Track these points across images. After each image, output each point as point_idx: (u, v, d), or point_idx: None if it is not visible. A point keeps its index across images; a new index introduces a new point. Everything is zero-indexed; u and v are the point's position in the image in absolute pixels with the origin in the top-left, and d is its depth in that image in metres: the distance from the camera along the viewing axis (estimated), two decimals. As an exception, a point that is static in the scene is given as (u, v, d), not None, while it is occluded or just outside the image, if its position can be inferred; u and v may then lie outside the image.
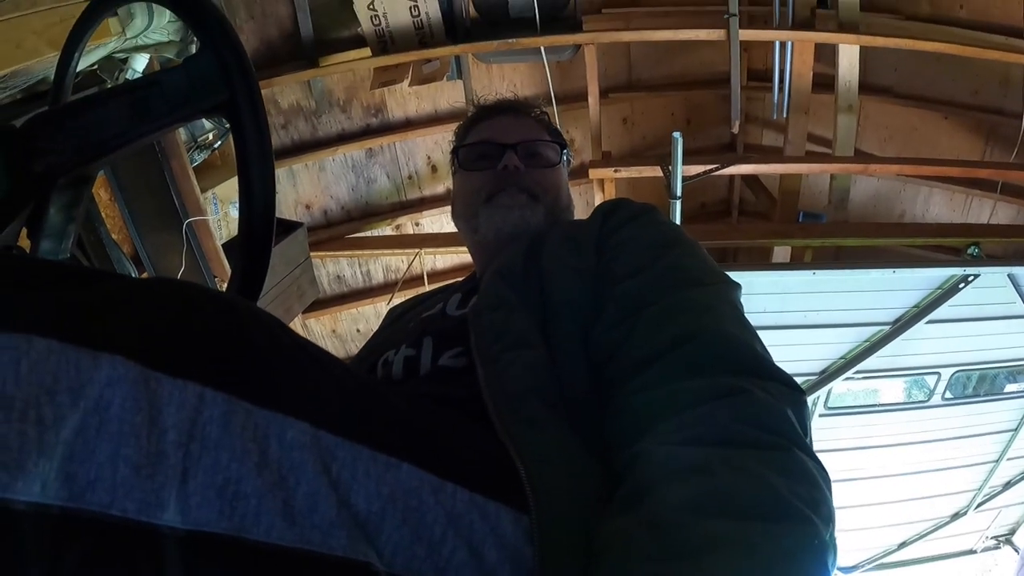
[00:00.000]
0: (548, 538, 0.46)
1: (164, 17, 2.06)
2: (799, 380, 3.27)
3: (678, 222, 2.68)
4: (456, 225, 0.96)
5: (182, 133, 2.53)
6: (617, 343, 0.62)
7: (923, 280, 3.08)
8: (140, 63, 2.02)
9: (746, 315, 0.66)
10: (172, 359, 0.41)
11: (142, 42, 1.97)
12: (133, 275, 2.18)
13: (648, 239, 0.72)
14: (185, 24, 0.68)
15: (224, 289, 0.69)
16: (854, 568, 4.48)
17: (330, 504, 0.42)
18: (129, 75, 1.99)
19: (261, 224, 0.65)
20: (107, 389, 0.38)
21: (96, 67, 1.90)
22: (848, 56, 3.25)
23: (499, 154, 0.89)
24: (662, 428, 0.52)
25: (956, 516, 4.47)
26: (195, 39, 2.58)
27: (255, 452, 0.41)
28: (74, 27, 0.77)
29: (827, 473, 0.50)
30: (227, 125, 2.38)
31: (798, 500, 0.45)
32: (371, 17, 3.18)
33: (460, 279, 0.96)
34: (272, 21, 3.22)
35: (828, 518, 0.46)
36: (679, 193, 2.60)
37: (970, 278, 3.03)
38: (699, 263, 0.70)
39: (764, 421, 0.50)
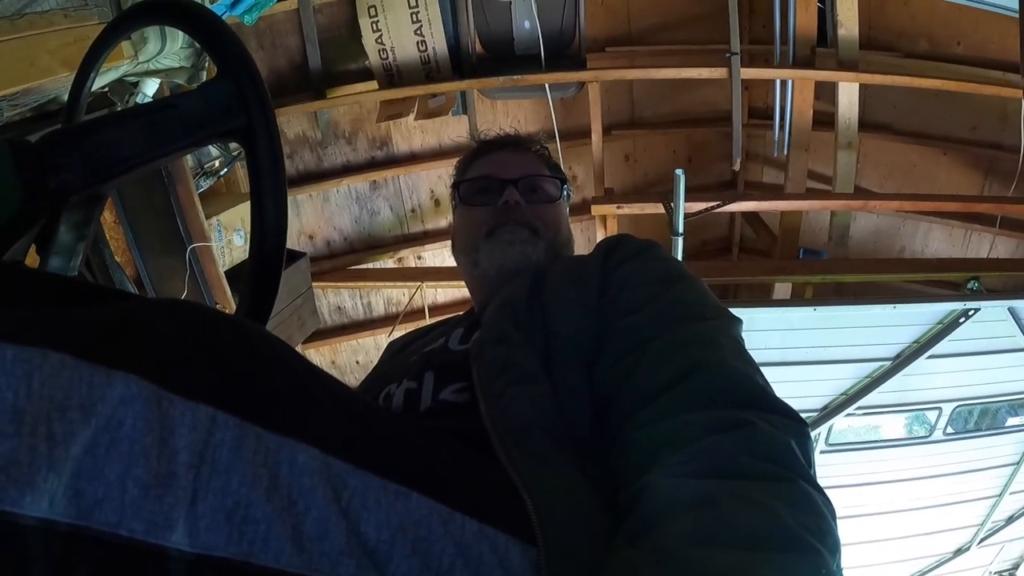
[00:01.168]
0: (555, 571, 0.46)
1: (176, 43, 2.09)
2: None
3: (680, 259, 2.70)
4: (456, 260, 0.96)
5: (189, 159, 2.55)
6: (621, 378, 0.62)
7: (924, 315, 3.08)
8: (151, 87, 2.04)
9: (747, 350, 0.66)
10: (186, 380, 0.41)
11: (154, 67, 2.00)
12: None
13: (650, 275, 0.72)
14: (204, 49, 0.68)
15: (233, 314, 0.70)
16: (859, 605, 4.42)
17: (340, 532, 0.42)
18: (139, 99, 2.02)
19: (272, 251, 0.65)
20: (119, 407, 0.38)
21: (107, 89, 1.92)
22: (848, 94, 3.29)
23: (500, 189, 0.90)
24: (668, 460, 0.51)
25: (959, 552, 4.42)
26: (206, 66, 2.63)
27: (265, 477, 0.41)
28: (92, 46, 0.77)
29: (831, 504, 0.50)
30: (234, 154, 2.41)
31: (805, 531, 0.45)
32: (379, 51, 3.23)
33: (460, 314, 0.96)
34: (281, 52, 3.28)
35: (835, 548, 0.46)
36: (681, 230, 2.62)
37: (971, 312, 3.03)
38: (701, 298, 0.70)
39: (769, 453, 0.50)
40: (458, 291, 3.84)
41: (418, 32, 3.18)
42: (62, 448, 0.36)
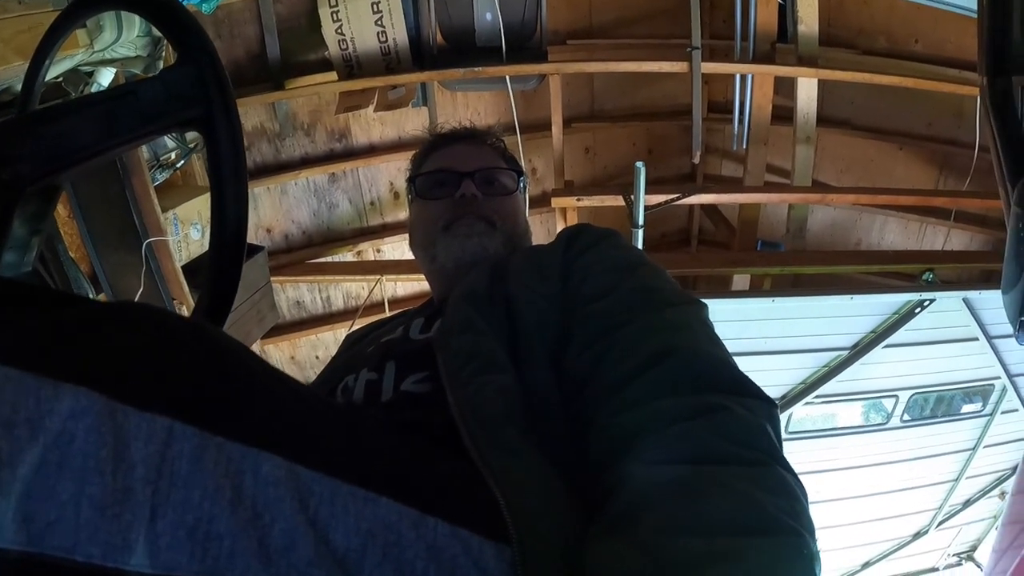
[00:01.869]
0: (531, 569, 0.45)
1: (133, 31, 2.03)
2: (760, 406, 3.33)
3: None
4: (414, 254, 0.95)
5: (144, 151, 2.50)
6: (592, 365, 0.61)
7: (880, 306, 3.14)
8: (106, 77, 1.98)
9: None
10: (140, 390, 0.39)
11: (109, 56, 1.95)
12: (90, 295, 2.13)
13: (613, 261, 0.72)
14: (163, 35, 0.67)
15: (192, 309, 0.68)
16: (817, 590, 4.50)
17: (308, 542, 0.40)
18: (94, 89, 1.96)
19: (233, 242, 0.64)
20: (69, 422, 0.36)
21: (61, 79, 1.87)
22: (806, 89, 3.33)
23: (456, 182, 0.89)
24: (644, 447, 0.51)
25: (918, 535, 4.52)
26: (163, 55, 2.57)
27: (228, 488, 0.39)
28: (46, 34, 0.75)
29: (804, 486, 0.51)
30: (191, 145, 2.34)
31: (783, 514, 0.45)
32: (339, 41, 3.16)
33: (418, 306, 0.94)
34: (239, 42, 3.21)
35: (811, 529, 0.47)
36: (641, 222, 2.62)
37: (926, 303, 3.10)
38: (665, 284, 0.70)
39: (744, 437, 0.50)
40: (418, 284, 3.80)
41: (379, 23, 3.13)
42: (8, 469, 0.34)
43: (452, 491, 0.49)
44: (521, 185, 0.96)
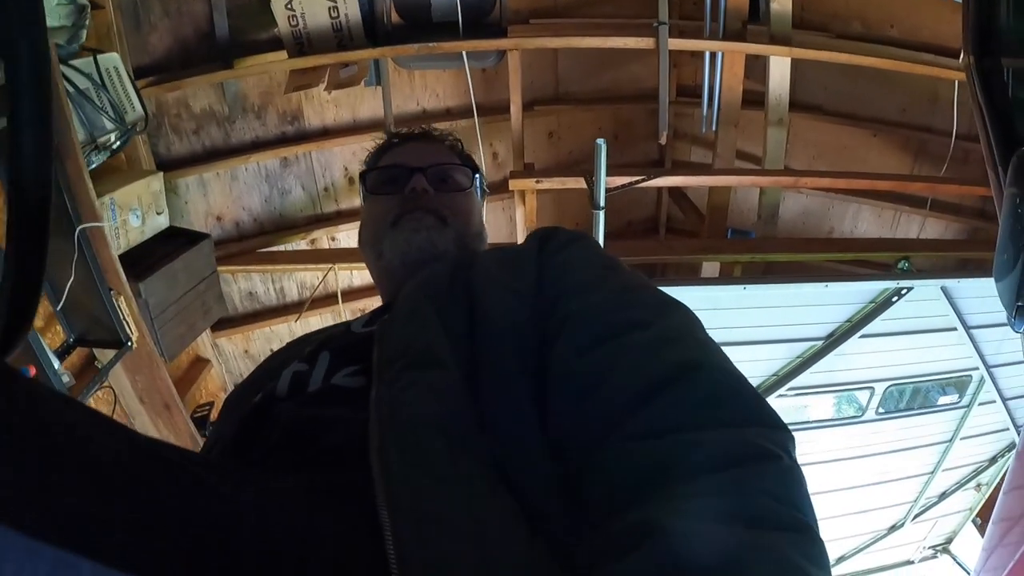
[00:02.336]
0: None
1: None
2: (731, 398, 3.25)
3: (601, 235, 2.57)
4: (362, 253, 0.91)
5: (80, 132, 2.37)
6: (594, 372, 0.52)
7: (856, 294, 3.08)
8: None
9: None
10: None
11: None
12: None
13: (592, 260, 0.68)
14: None
15: (134, 325, 0.53)
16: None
17: None
18: None
19: (35, 203, 0.51)
20: None
21: None
22: (779, 69, 3.23)
23: (407, 177, 0.86)
24: (678, 492, 0.42)
25: (894, 528, 4.52)
26: (86, 24, 2.39)
27: None
28: None
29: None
30: (130, 127, 2.16)
31: None
32: (288, 18, 3.05)
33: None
34: (188, 20, 3.06)
35: None
36: (602, 203, 2.49)
37: (903, 291, 3.04)
38: (652, 287, 0.64)
39: (791, 496, 0.43)
40: (375, 274, 3.62)
41: (330, -2, 2.99)
42: None
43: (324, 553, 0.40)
44: (477, 184, 0.93)
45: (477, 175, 0.93)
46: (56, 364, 2.14)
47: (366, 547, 0.40)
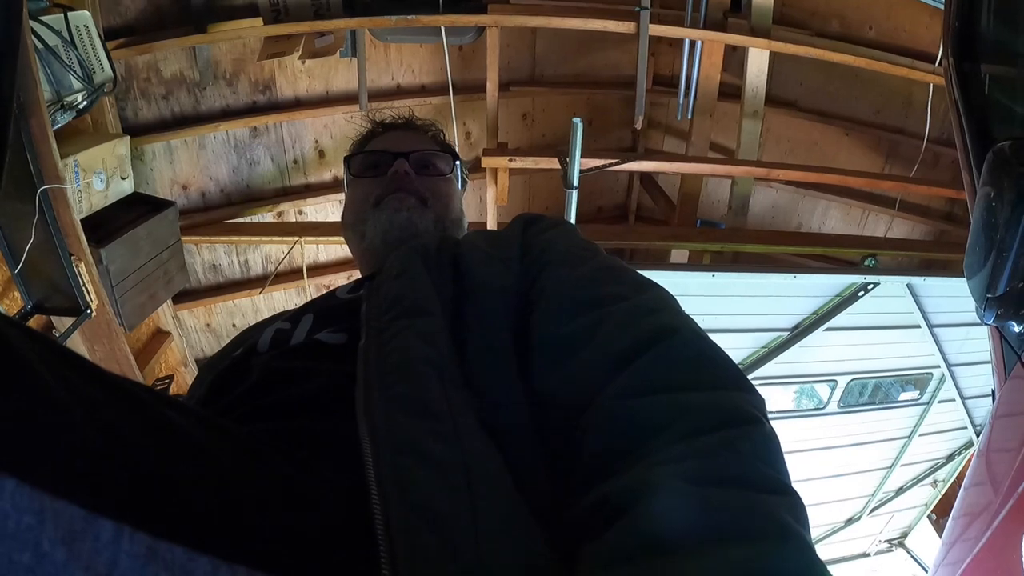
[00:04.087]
0: None
1: None
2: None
3: (573, 215, 2.56)
4: (345, 237, 0.93)
5: (47, 90, 2.28)
6: (578, 336, 0.53)
7: (823, 287, 3.10)
8: None
9: None
10: None
11: None
12: None
13: (576, 241, 0.69)
14: None
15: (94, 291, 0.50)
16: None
17: None
18: None
19: None
20: None
21: None
22: (757, 61, 3.24)
23: (391, 161, 0.89)
24: (669, 452, 0.41)
25: (850, 521, 4.58)
26: None
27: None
28: None
29: None
30: (98, 87, 2.09)
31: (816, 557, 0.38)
32: None
33: None
34: (162, -19, 2.98)
35: None
36: (576, 183, 2.47)
37: (870, 286, 3.07)
38: (630, 270, 0.64)
39: (776, 460, 0.43)
40: (341, 249, 3.62)
41: (308, -34, 2.92)
42: None
43: (322, 535, 0.38)
44: (457, 172, 0.95)
45: (458, 163, 0.95)
46: (12, 332, 2.07)
47: (345, 506, 0.40)
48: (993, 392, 1.67)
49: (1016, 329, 1.23)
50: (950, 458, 4.27)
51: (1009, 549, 1.33)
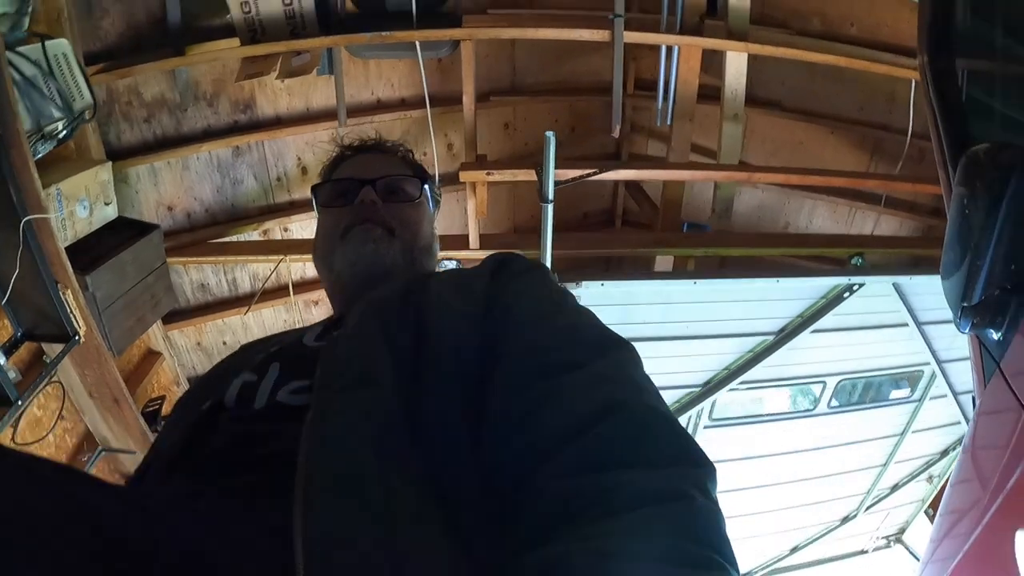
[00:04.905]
0: None
1: None
2: (682, 393, 3.26)
3: (550, 229, 2.56)
4: (316, 268, 0.93)
5: (27, 120, 2.28)
6: (527, 407, 0.53)
7: (808, 289, 3.10)
8: None
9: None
10: None
11: None
12: None
13: (542, 293, 0.69)
14: None
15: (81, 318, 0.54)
16: (746, 575, 4.51)
17: None
18: None
19: None
20: None
21: None
22: (736, 64, 3.24)
23: (357, 190, 0.88)
24: (594, 530, 0.42)
25: (847, 519, 4.58)
26: (29, 12, 2.33)
27: None
28: None
29: None
30: (78, 115, 2.12)
31: None
32: (241, 4, 3.01)
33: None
34: (140, 5, 3.02)
35: None
36: (551, 196, 2.48)
37: (855, 287, 3.07)
38: (596, 324, 0.65)
39: (707, 536, 0.44)
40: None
41: (285, -14, 2.94)
42: None
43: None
44: (428, 194, 0.94)
45: (426, 185, 0.94)
46: (2, 360, 2.10)
47: (277, 557, 0.42)
48: (973, 397, 1.67)
49: (994, 336, 1.22)
50: (944, 454, 4.27)
51: (999, 545, 1.33)
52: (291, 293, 3.23)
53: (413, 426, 0.53)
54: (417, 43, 2.89)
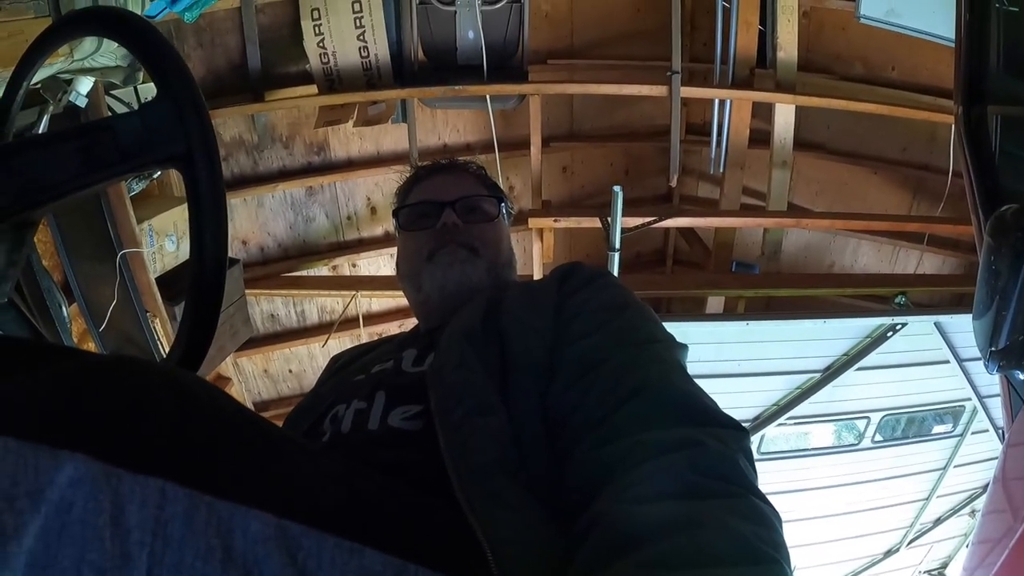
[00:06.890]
0: None
1: (113, 43, 2.00)
2: (733, 428, 3.33)
3: (616, 272, 2.71)
4: (401, 286, 0.96)
5: None
6: (574, 404, 0.62)
7: (853, 329, 3.15)
8: (85, 86, 1.95)
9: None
10: (131, 453, 0.40)
11: (88, 65, 1.91)
12: (62, 307, 2.13)
13: (603, 301, 0.73)
14: (145, 69, 0.65)
15: (168, 354, 0.66)
16: (790, 608, 4.51)
17: None
18: (72, 97, 1.91)
19: (211, 283, 0.62)
20: (68, 490, 0.37)
21: (39, 86, 1.84)
22: (784, 115, 3.36)
23: (438, 212, 0.90)
24: (620, 484, 0.51)
25: (889, 553, 4.53)
26: (141, 68, 2.51)
27: (219, 548, 0.40)
28: (27, 52, 0.72)
29: (777, 512, 0.51)
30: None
31: (763, 544, 0.46)
32: (320, 55, 3.16)
33: (404, 332, 0.96)
34: (220, 51, 3.19)
35: (788, 557, 0.48)
36: (618, 245, 2.63)
37: (898, 327, 3.12)
38: (649, 323, 0.72)
39: (719, 470, 0.51)
40: (392, 301, 3.77)
41: (361, 38, 3.13)
42: (14, 542, 0.35)
43: (438, 540, 0.50)
44: (504, 211, 0.97)
45: (502, 203, 0.97)
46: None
47: (466, 533, 0.50)
48: (1003, 430, 1.72)
49: (1021, 377, 1.28)
50: (986, 488, 4.25)
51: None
52: (361, 326, 3.41)
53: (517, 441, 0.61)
54: (487, 96, 3.07)
